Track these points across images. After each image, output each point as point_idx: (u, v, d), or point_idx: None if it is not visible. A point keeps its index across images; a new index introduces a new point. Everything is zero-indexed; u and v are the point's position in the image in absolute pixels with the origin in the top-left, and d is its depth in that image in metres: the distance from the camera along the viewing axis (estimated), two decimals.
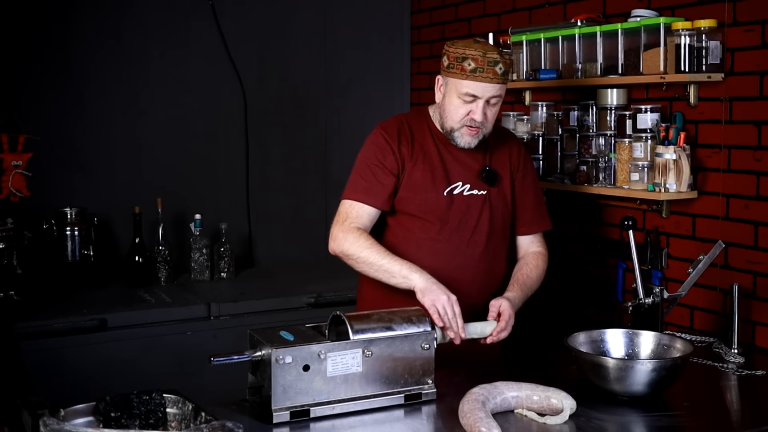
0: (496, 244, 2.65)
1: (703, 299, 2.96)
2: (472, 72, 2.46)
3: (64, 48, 3.72)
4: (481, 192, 2.61)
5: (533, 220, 2.73)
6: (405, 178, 2.57)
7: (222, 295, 3.55)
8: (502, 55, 2.49)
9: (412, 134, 2.61)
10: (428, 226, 2.58)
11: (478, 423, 1.88)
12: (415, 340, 2.14)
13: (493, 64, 2.46)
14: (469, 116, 2.50)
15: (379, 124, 2.64)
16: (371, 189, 2.54)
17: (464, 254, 2.58)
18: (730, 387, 2.44)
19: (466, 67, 2.47)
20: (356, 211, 2.54)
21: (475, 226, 2.60)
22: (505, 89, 2.55)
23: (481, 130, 2.53)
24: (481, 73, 2.46)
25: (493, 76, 2.47)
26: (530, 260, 2.69)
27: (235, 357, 2.07)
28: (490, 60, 2.46)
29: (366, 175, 2.55)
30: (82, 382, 2.99)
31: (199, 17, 3.97)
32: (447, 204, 2.57)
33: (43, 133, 3.63)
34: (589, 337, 2.37)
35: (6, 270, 3.30)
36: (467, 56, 2.46)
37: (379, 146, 2.58)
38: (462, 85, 2.48)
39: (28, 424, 1.81)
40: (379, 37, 4.38)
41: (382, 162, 2.55)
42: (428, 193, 2.57)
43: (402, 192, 2.58)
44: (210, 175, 4.05)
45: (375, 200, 2.54)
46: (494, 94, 2.50)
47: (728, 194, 2.88)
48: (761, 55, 2.75)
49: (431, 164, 2.59)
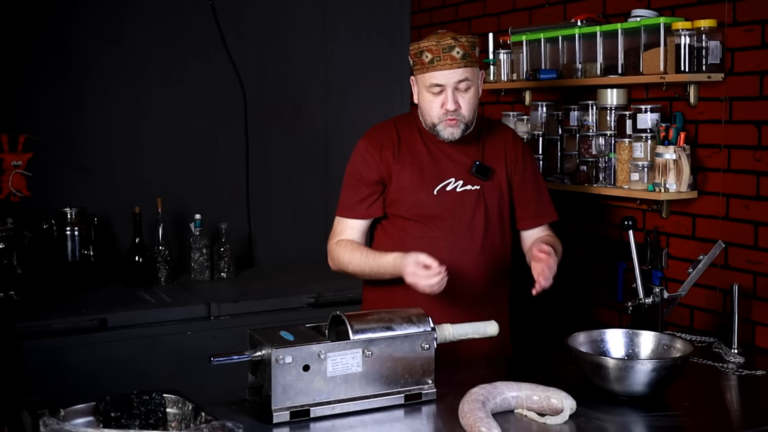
0: (494, 238, 2.63)
1: (703, 299, 2.96)
2: (430, 63, 2.49)
3: (64, 48, 3.72)
4: (475, 187, 2.60)
5: (537, 213, 2.71)
6: (393, 180, 2.59)
7: (222, 295, 3.55)
8: (458, 39, 2.49)
9: (399, 136, 2.62)
10: (421, 225, 2.58)
11: (478, 423, 1.88)
12: (415, 340, 2.14)
13: (448, 50, 2.47)
14: (443, 108, 2.51)
15: (365, 133, 2.68)
16: (354, 205, 2.63)
17: (460, 250, 2.58)
18: (730, 387, 2.44)
19: (425, 60, 2.50)
20: (342, 226, 2.65)
21: (470, 221, 2.59)
22: (475, 73, 2.53)
23: (460, 120, 2.52)
24: (438, 62, 2.48)
25: (452, 62, 2.47)
26: (545, 237, 2.68)
27: (235, 357, 2.07)
28: (444, 47, 2.48)
29: (347, 191, 2.65)
30: (82, 382, 2.99)
31: (199, 17, 3.97)
32: (438, 202, 2.57)
33: (43, 133, 3.63)
34: (589, 337, 2.37)
35: (6, 270, 3.30)
36: (423, 49, 2.50)
37: (357, 160, 2.64)
38: (425, 79, 2.51)
39: (28, 424, 1.81)
40: (379, 37, 4.38)
41: (361, 175, 2.62)
42: (418, 193, 2.58)
43: (392, 194, 2.60)
44: (210, 175, 4.05)
45: (357, 214, 2.63)
46: (459, 79, 2.49)
47: (728, 194, 2.88)
48: (761, 55, 2.75)
49: (420, 164, 2.59)
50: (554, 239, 2.70)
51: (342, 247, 2.62)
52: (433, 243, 2.56)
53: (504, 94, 3.75)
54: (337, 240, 2.65)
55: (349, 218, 2.63)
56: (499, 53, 3.60)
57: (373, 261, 2.55)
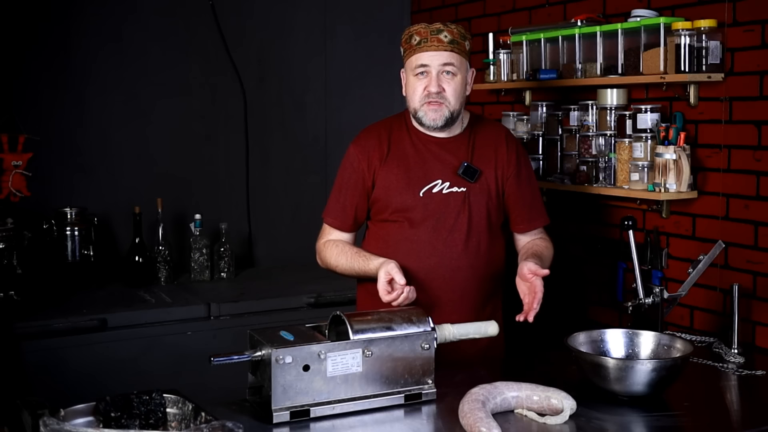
0: (480, 240, 2.59)
1: (703, 299, 2.96)
2: (417, 45, 2.52)
3: (64, 48, 3.72)
4: (461, 189, 2.58)
5: (531, 216, 2.69)
6: (379, 181, 2.60)
7: (222, 295, 3.55)
8: (447, 25, 2.53)
9: (390, 138, 2.62)
10: (405, 226, 2.58)
11: (478, 423, 1.88)
12: (415, 340, 2.14)
13: (436, 33, 2.51)
14: (426, 90, 2.52)
15: (357, 136, 2.68)
16: (339, 213, 2.66)
17: (441, 253, 2.56)
18: (730, 387, 2.44)
19: (413, 43, 2.53)
20: (330, 229, 2.69)
21: (453, 224, 2.57)
22: (462, 62, 2.54)
23: (443, 105, 2.52)
24: (425, 43, 2.51)
25: (438, 44, 2.50)
26: (536, 241, 2.68)
27: (235, 357, 2.07)
28: (432, 29, 2.51)
29: (335, 196, 2.69)
30: (82, 382, 2.99)
31: (199, 17, 3.97)
32: (423, 204, 2.56)
33: (43, 133, 3.63)
34: (589, 337, 2.37)
35: (6, 270, 3.30)
36: (412, 33, 2.54)
37: (346, 167, 2.66)
38: (412, 61, 2.54)
39: (28, 424, 1.81)
40: (379, 37, 4.38)
41: (348, 183, 2.64)
42: (404, 195, 2.57)
43: (377, 194, 2.60)
44: (210, 175, 4.05)
45: (339, 226, 2.66)
46: (444, 62, 2.50)
47: (728, 194, 2.88)
48: (761, 55, 2.75)
49: (407, 165, 2.59)
50: (546, 243, 2.69)
51: (329, 248, 2.65)
52: (415, 245, 2.56)
53: (504, 94, 3.75)
54: (324, 240, 2.68)
55: (333, 228, 2.67)
56: (499, 53, 3.60)
57: (359, 266, 2.56)
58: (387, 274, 2.37)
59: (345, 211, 2.64)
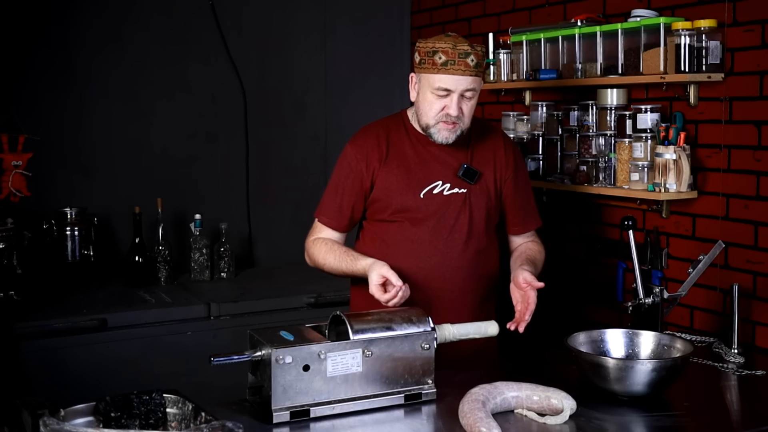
0: (479, 240, 2.61)
1: (703, 299, 2.96)
2: (443, 65, 2.45)
3: (64, 48, 3.72)
4: (461, 190, 2.59)
5: (527, 219, 2.72)
6: (378, 182, 2.58)
7: (222, 295, 3.55)
8: (473, 47, 2.47)
9: (388, 138, 2.61)
10: (405, 226, 2.58)
11: (478, 423, 1.88)
12: (415, 340, 2.14)
13: (464, 56, 2.44)
14: (444, 111, 2.48)
15: (354, 135, 2.67)
16: (333, 212, 2.64)
17: (442, 253, 2.57)
18: (730, 387, 2.44)
19: (437, 61, 2.45)
20: (320, 227, 2.67)
21: (453, 224, 2.57)
22: (481, 83, 2.52)
23: (458, 125, 2.50)
24: (452, 65, 2.44)
25: (465, 68, 2.44)
26: (529, 245, 2.70)
27: (235, 357, 2.07)
28: (460, 52, 2.44)
29: (329, 195, 2.66)
30: (82, 382, 2.99)
31: (199, 17, 3.97)
32: (424, 205, 2.56)
33: (43, 133, 3.63)
34: (589, 337, 2.37)
35: (6, 270, 3.30)
36: (437, 50, 2.45)
37: (342, 166, 2.64)
38: (434, 80, 2.47)
39: (28, 424, 1.81)
40: (379, 37, 4.38)
41: (344, 183, 2.62)
42: (404, 195, 2.57)
43: (376, 194, 2.59)
44: (210, 175, 4.05)
45: (333, 225, 2.65)
46: (467, 87, 2.47)
47: (728, 194, 2.88)
48: (761, 55, 2.75)
49: (407, 166, 2.58)
50: (539, 247, 2.71)
51: (318, 246, 2.64)
52: (415, 245, 2.56)
53: (504, 94, 3.75)
54: (314, 238, 2.67)
55: (325, 226, 2.66)
56: (499, 53, 3.60)
57: (346, 266, 2.55)
58: (381, 277, 2.36)
59: (341, 210, 2.63)
